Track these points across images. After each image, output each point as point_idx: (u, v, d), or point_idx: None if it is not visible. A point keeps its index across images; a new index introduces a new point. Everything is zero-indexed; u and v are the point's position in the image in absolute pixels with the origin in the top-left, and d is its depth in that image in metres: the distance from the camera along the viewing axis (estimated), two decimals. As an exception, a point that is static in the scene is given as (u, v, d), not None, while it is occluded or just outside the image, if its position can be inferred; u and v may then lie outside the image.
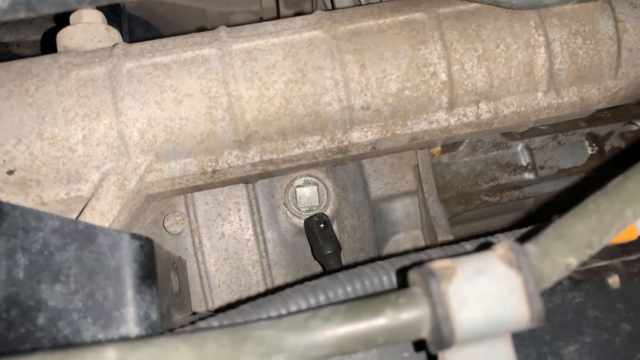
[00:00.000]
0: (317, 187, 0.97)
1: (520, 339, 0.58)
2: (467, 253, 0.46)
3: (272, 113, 0.69)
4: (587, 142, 1.33)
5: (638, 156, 0.53)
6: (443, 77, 0.71)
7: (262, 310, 0.53)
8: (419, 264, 0.46)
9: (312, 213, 0.97)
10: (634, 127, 1.35)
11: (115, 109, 0.67)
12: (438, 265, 0.43)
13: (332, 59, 0.69)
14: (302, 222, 0.96)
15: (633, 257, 0.63)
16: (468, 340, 0.43)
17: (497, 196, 1.27)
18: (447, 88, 0.71)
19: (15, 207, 0.59)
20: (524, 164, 1.28)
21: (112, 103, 0.67)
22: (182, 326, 0.58)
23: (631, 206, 0.47)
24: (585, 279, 0.62)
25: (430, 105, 0.72)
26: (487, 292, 0.41)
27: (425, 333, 0.43)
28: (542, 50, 0.72)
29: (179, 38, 0.72)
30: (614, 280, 0.61)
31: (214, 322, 0.53)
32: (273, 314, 0.53)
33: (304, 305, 0.53)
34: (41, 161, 0.66)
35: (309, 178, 0.98)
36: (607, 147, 1.33)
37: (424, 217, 1.12)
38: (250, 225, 0.94)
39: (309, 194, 0.98)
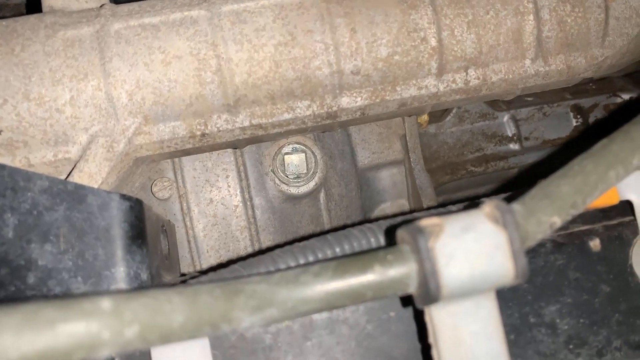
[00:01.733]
0: (305, 155, 0.98)
1: (503, 299, 0.60)
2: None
3: (261, 76, 0.69)
4: (572, 114, 1.34)
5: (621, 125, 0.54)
6: (433, 42, 0.71)
7: (252, 269, 0.54)
8: (406, 223, 0.47)
9: (299, 180, 0.97)
10: (618, 100, 1.36)
11: (103, 70, 0.66)
12: (426, 222, 0.44)
13: (322, 22, 0.69)
14: (290, 189, 0.97)
15: (614, 221, 0.65)
16: (454, 296, 0.44)
17: (483, 166, 1.29)
18: (437, 54, 0.71)
19: (3, 167, 0.58)
20: (510, 134, 1.30)
21: (100, 64, 0.66)
22: (173, 285, 0.59)
23: (615, 168, 0.48)
24: (567, 242, 0.63)
25: (419, 71, 0.72)
26: (474, 249, 0.43)
27: (412, 289, 0.44)
28: (531, 17, 0.72)
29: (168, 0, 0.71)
30: (595, 244, 0.63)
31: (205, 280, 0.53)
32: (262, 272, 0.53)
33: (293, 265, 0.54)
34: (28, 122, 0.66)
35: (297, 145, 0.98)
36: (591, 119, 1.35)
37: (410, 186, 1.13)
38: (238, 192, 0.95)
39: (297, 162, 0.98)
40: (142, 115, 0.68)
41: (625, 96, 1.36)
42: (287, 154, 0.97)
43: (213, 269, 0.60)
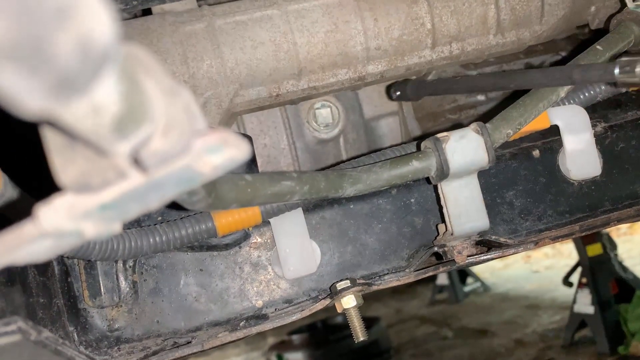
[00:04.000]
0: (331, 109, 1.32)
1: (481, 189, 0.97)
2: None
3: (316, 54, 1.03)
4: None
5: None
6: (428, 26, 1.06)
7: (347, 166, 0.89)
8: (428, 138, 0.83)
9: (327, 128, 1.32)
10: (559, 57, 1.74)
11: (214, 54, 0.99)
12: (439, 135, 0.80)
13: (355, 15, 1.03)
14: (321, 134, 1.32)
15: (547, 139, 1.02)
16: (455, 175, 0.81)
17: (457, 114, 1.66)
18: (431, 34, 1.06)
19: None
20: (478, 88, 1.66)
21: (211, 49, 0.99)
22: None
23: (541, 102, 0.84)
24: (519, 152, 1.01)
25: (419, 46, 1.07)
26: (466, 147, 0.79)
27: (432, 172, 0.81)
28: (492, 6, 1.08)
29: (247, 1, 1.04)
30: (536, 153, 1.01)
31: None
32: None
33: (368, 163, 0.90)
34: (165, 90, 0.98)
35: (325, 102, 1.32)
36: (539, 74, 1.73)
37: (404, 131, 1.49)
38: (284, 138, 1.29)
39: (324, 114, 1.33)
40: (238, 83, 1.01)
41: (564, 54, 1.74)
42: (317, 109, 1.32)
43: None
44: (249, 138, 0.94)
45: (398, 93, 1.20)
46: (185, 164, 0.29)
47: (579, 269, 4.45)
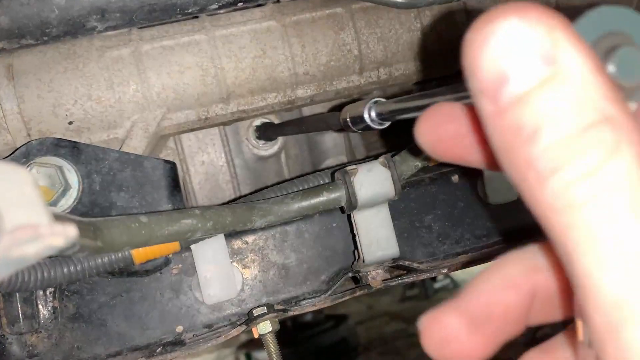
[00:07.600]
0: (270, 126, 1.34)
1: (399, 213, 1.00)
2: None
3: (244, 79, 1.05)
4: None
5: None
6: (355, 52, 1.08)
7: (260, 197, 0.91)
8: (339, 169, 0.86)
9: (267, 145, 1.34)
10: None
11: (140, 79, 1.00)
12: (349, 168, 0.83)
13: (283, 41, 1.05)
14: (260, 151, 1.34)
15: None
16: (364, 206, 0.83)
17: (402, 128, 1.69)
18: (358, 59, 1.09)
19: (87, 145, 0.93)
20: (422, 103, 1.70)
21: (137, 74, 1.00)
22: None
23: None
24: (438, 177, 1.04)
25: (347, 71, 1.09)
26: (373, 180, 0.82)
27: (343, 203, 0.83)
28: (418, 33, 1.10)
29: (176, 25, 1.05)
30: (455, 178, 1.04)
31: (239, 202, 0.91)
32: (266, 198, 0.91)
33: (281, 194, 0.92)
34: (91, 115, 0.99)
35: (264, 119, 1.34)
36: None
37: (347, 146, 1.52)
38: (222, 155, 1.31)
39: (263, 131, 1.34)
40: (166, 107, 1.03)
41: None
42: (256, 126, 1.34)
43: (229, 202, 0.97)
44: (173, 164, 0.95)
45: (257, 133, 1.28)
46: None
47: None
